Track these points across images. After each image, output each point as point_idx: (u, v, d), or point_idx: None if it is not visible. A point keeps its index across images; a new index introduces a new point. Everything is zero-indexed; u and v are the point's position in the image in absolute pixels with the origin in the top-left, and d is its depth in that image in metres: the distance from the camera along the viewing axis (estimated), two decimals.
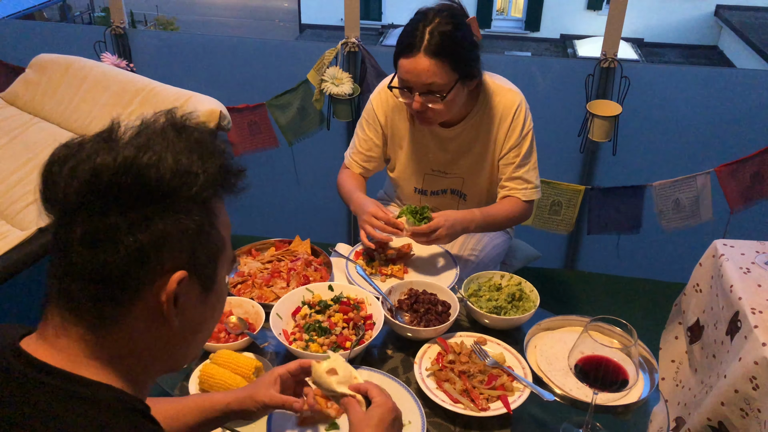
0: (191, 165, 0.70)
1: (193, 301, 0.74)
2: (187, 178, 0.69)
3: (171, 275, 0.69)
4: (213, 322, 0.82)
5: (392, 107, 1.82)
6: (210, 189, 0.72)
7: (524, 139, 1.76)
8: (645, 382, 1.33)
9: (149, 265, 0.68)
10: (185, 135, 0.72)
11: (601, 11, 16.15)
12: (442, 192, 1.90)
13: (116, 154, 0.67)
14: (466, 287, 1.56)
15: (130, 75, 2.44)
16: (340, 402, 1.05)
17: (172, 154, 0.69)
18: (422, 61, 1.56)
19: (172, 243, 0.69)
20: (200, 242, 0.72)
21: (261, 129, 2.73)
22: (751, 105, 2.50)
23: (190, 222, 0.70)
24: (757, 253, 1.70)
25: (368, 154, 1.89)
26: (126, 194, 0.67)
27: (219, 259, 0.76)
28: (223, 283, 0.80)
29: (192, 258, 0.71)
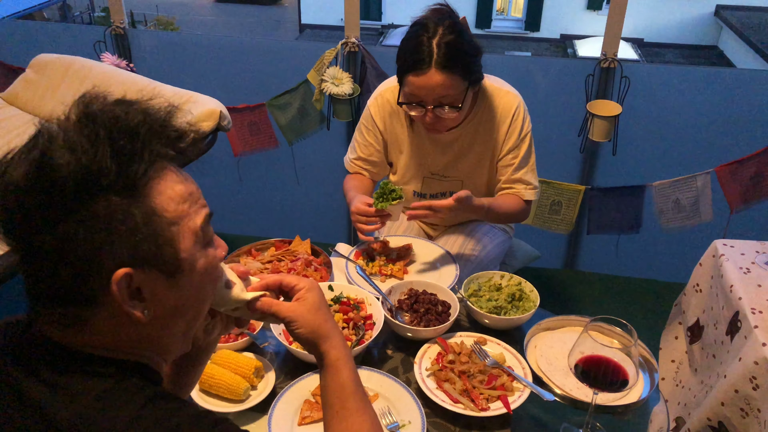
0: (98, 160, 0.64)
1: (160, 290, 0.71)
2: (96, 175, 0.64)
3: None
4: (203, 297, 0.78)
5: (389, 113, 1.81)
6: (131, 176, 0.66)
7: (523, 141, 1.76)
8: (645, 382, 1.33)
9: (92, 274, 0.66)
10: (94, 123, 0.66)
11: (601, 11, 16.15)
12: (441, 195, 1.90)
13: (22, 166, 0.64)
14: (466, 287, 1.56)
15: (130, 75, 2.44)
16: (254, 308, 0.90)
17: (73, 153, 0.64)
18: (435, 77, 1.54)
19: (107, 247, 0.65)
20: (138, 236, 0.67)
21: (261, 129, 2.73)
22: (751, 105, 2.50)
23: (117, 221, 0.65)
24: (757, 253, 1.70)
25: (370, 159, 1.88)
26: (37, 214, 0.64)
27: (175, 241, 0.70)
28: (194, 259, 0.73)
29: (135, 253, 0.67)
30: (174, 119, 0.72)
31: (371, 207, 1.63)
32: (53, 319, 0.70)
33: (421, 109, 1.62)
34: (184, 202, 0.72)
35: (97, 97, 0.70)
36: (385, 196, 1.63)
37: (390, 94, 1.80)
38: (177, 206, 0.71)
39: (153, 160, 0.69)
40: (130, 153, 0.66)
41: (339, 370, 0.90)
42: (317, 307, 0.92)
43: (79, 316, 0.69)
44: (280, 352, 1.44)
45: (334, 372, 0.90)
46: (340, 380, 0.89)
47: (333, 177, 3.03)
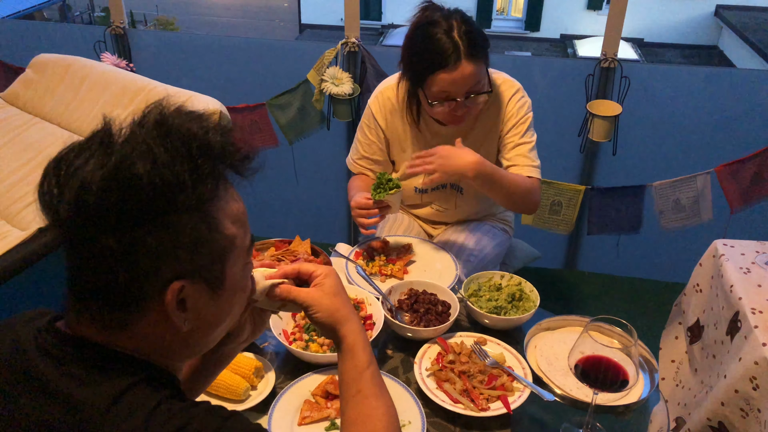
0: (179, 175, 0.67)
1: (202, 302, 0.74)
2: (176, 191, 0.66)
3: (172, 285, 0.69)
4: (233, 313, 0.81)
5: (390, 110, 1.82)
6: (204, 194, 0.69)
7: (523, 121, 1.76)
8: (645, 382, 1.33)
9: (149, 281, 0.68)
10: (172, 137, 0.68)
11: (601, 11, 16.15)
12: (441, 187, 1.90)
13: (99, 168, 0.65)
14: (466, 287, 1.56)
15: (130, 75, 2.44)
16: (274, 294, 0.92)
17: (155, 165, 0.66)
18: (467, 68, 1.56)
19: (168, 257, 0.68)
20: (199, 250, 0.70)
21: (261, 129, 2.73)
22: (751, 105, 2.50)
23: (183, 235, 0.68)
24: (757, 253, 1.70)
25: (374, 157, 1.89)
26: (113, 214, 0.65)
27: (226, 259, 0.74)
28: (236, 277, 0.77)
29: (192, 264, 0.70)
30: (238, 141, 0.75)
31: (369, 199, 1.63)
32: (95, 319, 0.71)
33: (451, 104, 1.62)
34: (237, 221, 0.75)
35: (174, 109, 0.72)
36: (383, 186, 1.63)
37: (391, 92, 1.80)
38: (233, 224, 0.74)
39: (220, 179, 0.72)
40: (205, 171, 0.69)
41: (356, 354, 0.92)
42: (335, 292, 0.93)
43: (123, 320, 0.71)
44: (280, 352, 1.44)
45: (350, 356, 0.92)
46: (356, 364, 0.91)
47: (333, 177, 3.04)
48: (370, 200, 1.64)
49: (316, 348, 1.37)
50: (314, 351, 1.36)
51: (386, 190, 1.62)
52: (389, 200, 1.63)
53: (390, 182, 1.63)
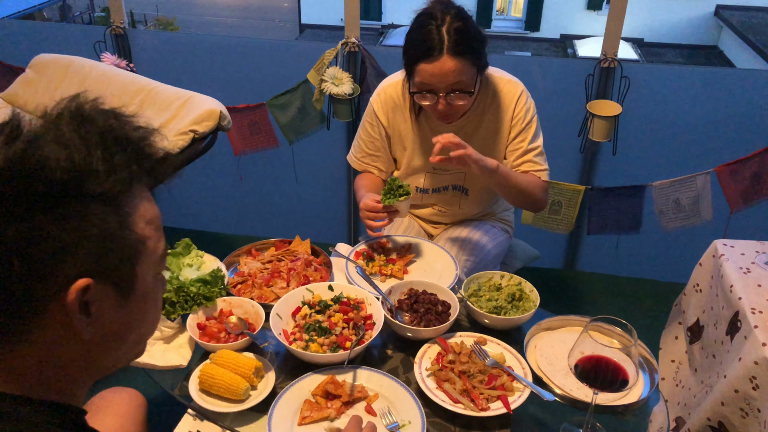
0: (89, 161, 0.62)
1: (109, 308, 0.67)
2: (85, 176, 0.62)
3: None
4: (146, 324, 0.75)
5: (392, 108, 1.82)
6: (117, 185, 0.64)
7: (530, 125, 1.76)
8: (645, 382, 1.33)
9: (49, 277, 0.61)
10: (88, 125, 0.64)
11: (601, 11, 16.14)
12: (444, 189, 1.90)
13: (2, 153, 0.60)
14: (466, 287, 1.56)
15: (131, 75, 2.44)
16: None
17: (65, 150, 0.61)
18: (447, 63, 1.55)
19: (73, 251, 0.62)
20: (108, 245, 0.64)
21: (261, 129, 2.73)
22: (751, 105, 2.50)
23: (91, 226, 0.62)
24: (757, 253, 1.70)
25: (376, 154, 1.89)
26: (12, 202, 0.59)
27: (137, 260, 0.68)
28: (148, 284, 0.71)
29: (99, 263, 0.64)
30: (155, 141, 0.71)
31: (379, 203, 1.64)
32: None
33: (433, 97, 1.62)
34: (151, 224, 0.70)
35: (90, 101, 0.68)
36: (393, 192, 1.64)
37: (393, 89, 1.81)
38: (146, 226, 0.69)
39: (135, 176, 0.67)
40: (119, 163, 0.65)
41: None
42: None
43: (16, 331, 0.63)
44: (280, 352, 1.44)
45: None
46: None
47: (333, 177, 3.04)
48: (379, 203, 1.64)
49: (316, 348, 1.37)
50: (314, 351, 1.36)
51: (396, 197, 1.64)
52: (398, 206, 1.65)
53: (401, 189, 1.64)
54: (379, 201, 1.65)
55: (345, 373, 1.34)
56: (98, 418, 1.24)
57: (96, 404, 1.28)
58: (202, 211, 3.28)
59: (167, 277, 1.47)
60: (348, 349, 1.34)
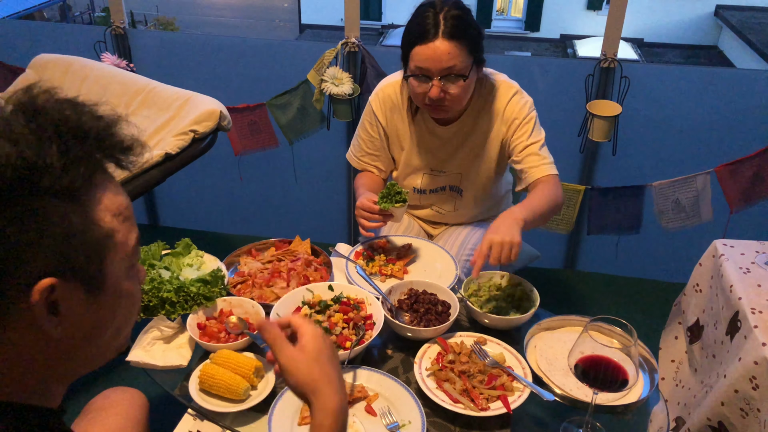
0: (42, 156, 0.59)
1: (78, 306, 0.65)
2: (39, 172, 0.59)
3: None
4: (118, 322, 0.72)
5: (391, 108, 1.82)
6: (76, 180, 0.61)
7: (527, 120, 1.74)
8: (645, 382, 1.33)
9: (10, 278, 0.59)
10: (41, 118, 0.61)
11: (601, 11, 16.14)
12: (441, 189, 1.91)
13: None
14: (466, 287, 1.56)
15: (131, 75, 2.44)
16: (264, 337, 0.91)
17: (16, 145, 0.58)
18: (442, 45, 1.57)
19: (33, 250, 0.59)
20: (71, 243, 0.62)
21: (261, 129, 2.73)
22: (751, 105, 2.50)
23: (50, 224, 0.60)
24: (757, 253, 1.70)
25: (376, 153, 1.90)
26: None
27: (105, 255, 0.66)
28: (119, 279, 0.69)
29: (63, 261, 0.62)
30: (121, 129, 0.68)
31: (375, 205, 1.64)
32: None
33: (426, 81, 1.62)
34: (119, 215, 0.68)
35: (44, 92, 0.65)
36: (390, 197, 1.64)
37: (391, 89, 1.81)
38: (113, 219, 0.66)
39: (97, 167, 0.65)
40: (77, 155, 0.62)
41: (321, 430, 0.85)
42: (315, 357, 0.87)
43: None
44: None
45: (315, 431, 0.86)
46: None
47: (333, 177, 3.04)
48: (375, 205, 1.64)
49: None
50: None
51: (393, 203, 1.63)
52: (393, 211, 1.65)
53: (398, 195, 1.64)
54: (375, 202, 1.65)
55: (345, 373, 1.34)
56: (101, 417, 1.24)
57: (99, 404, 1.28)
58: (202, 211, 3.28)
59: (167, 276, 1.47)
60: (348, 349, 1.35)
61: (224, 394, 1.27)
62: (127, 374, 1.92)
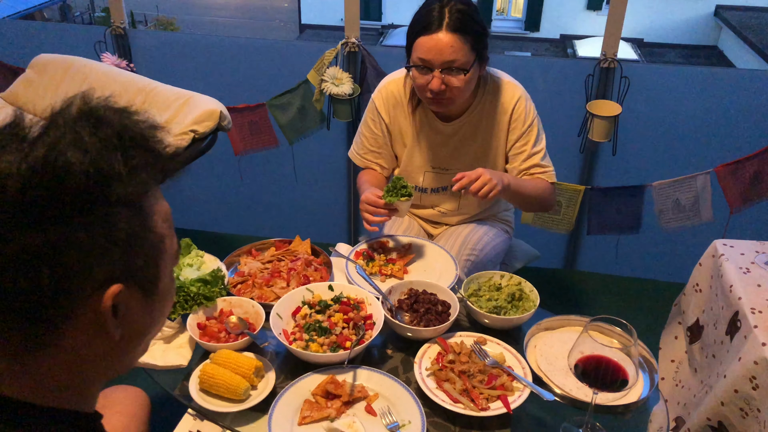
0: (112, 164, 0.61)
1: (135, 309, 0.67)
2: (110, 181, 0.61)
3: (105, 288, 0.62)
4: (160, 323, 0.75)
5: (393, 104, 1.83)
6: (138, 187, 0.63)
7: (531, 128, 1.77)
8: (645, 382, 1.33)
9: (77, 285, 0.61)
10: (103, 128, 0.63)
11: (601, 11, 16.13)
12: (443, 189, 1.91)
13: (20, 159, 0.58)
14: (466, 287, 1.56)
15: (131, 75, 2.44)
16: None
17: (88, 154, 0.60)
18: (445, 37, 1.58)
19: (102, 255, 0.61)
20: (134, 247, 0.64)
21: (261, 129, 2.73)
22: (751, 105, 2.50)
23: (118, 230, 0.61)
24: (756, 253, 1.70)
25: (378, 151, 1.90)
26: (38, 209, 0.57)
27: (159, 259, 0.69)
28: (167, 281, 0.72)
29: (126, 265, 0.64)
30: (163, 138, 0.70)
31: (381, 199, 1.64)
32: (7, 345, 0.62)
33: (428, 72, 1.63)
34: (167, 221, 0.70)
35: (103, 101, 0.67)
36: (396, 191, 1.64)
37: (394, 86, 1.82)
38: (163, 224, 0.69)
39: (153, 176, 0.67)
40: (139, 164, 0.64)
41: None
42: None
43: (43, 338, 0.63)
44: (280, 352, 1.44)
45: None
46: None
47: (333, 177, 3.04)
48: (380, 199, 1.65)
49: (316, 348, 1.37)
50: (314, 351, 1.36)
51: (398, 196, 1.63)
52: (398, 205, 1.65)
53: (404, 189, 1.64)
54: (380, 196, 1.65)
55: (345, 373, 1.34)
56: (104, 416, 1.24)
57: (100, 402, 1.28)
58: (202, 211, 3.28)
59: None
60: (348, 349, 1.35)
61: (224, 394, 1.27)
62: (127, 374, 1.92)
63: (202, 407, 1.27)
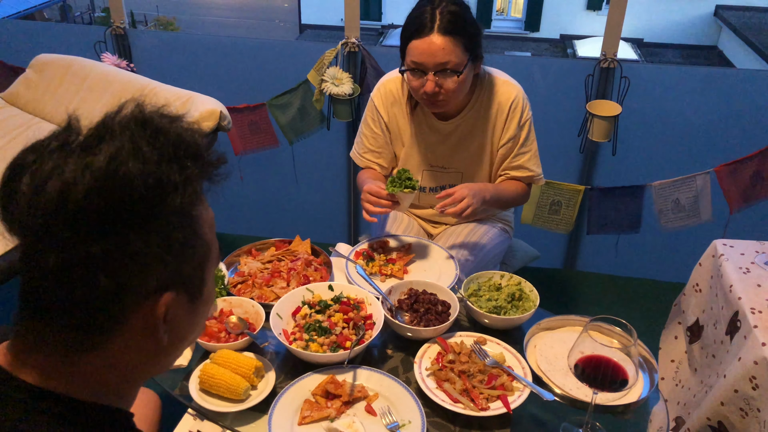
0: (170, 175, 0.62)
1: (181, 314, 0.69)
2: (167, 191, 0.62)
3: (157, 295, 0.64)
4: (202, 326, 0.77)
5: (392, 103, 1.83)
6: (191, 196, 0.65)
7: (522, 129, 1.79)
8: (645, 382, 1.33)
9: (132, 292, 0.62)
10: (160, 138, 0.64)
11: (600, 11, 16.14)
12: (441, 188, 1.91)
13: (83, 167, 0.59)
14: (466, 287, 1.56)
15: (131, 75, 2.44)
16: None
17: (147, 165, 0.61)
18: (437, 40, 1.59)
19: (156, 264, 0.63)
20: (186, 255, 0.66)
21: (261, 129, 2.73)
22: (751, 105, 2.50)
23: (172, 238, 0.63)
24: (756, 253, 1.70)
25: (378, 150, 1.90)
26: (99, 218, 0.59)
27: (206, 266, 0.71)
28: (210, 286, 0.74)
29: (178, 272, 0.66)
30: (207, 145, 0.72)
31: (384, 190, 1.65)
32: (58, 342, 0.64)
33: (421, 76, 1.64)
34: (212, 228, 0.72)
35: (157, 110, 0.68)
36: (400, 182, 1.64)
37: (392, 84, 1.82)
38: (209, 231, 0.71)
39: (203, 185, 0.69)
40: (192, 174, 0.65)
41: None
42: None
43: (94, 341, 0.65)
44: (280, 352, 1.44)
45: None
46: None
47: (333, 177, 3.04)
48: (384, 190, 1.64)
49: (316, 348, 1.37)
50: (314, 351, 1.36)
51: (401, 187, 1.63)
52: (401, 197, 1.65)
53: (409, 181, 1.65)
54: (383, 187, 1.66)
55: (345, 373, 1.34)
56: None
57: None
58: None
59: None
60: (348, 349, 1.35)
61: (224, 394, 1.27)
62: None
63: (202, 407, 1.27)
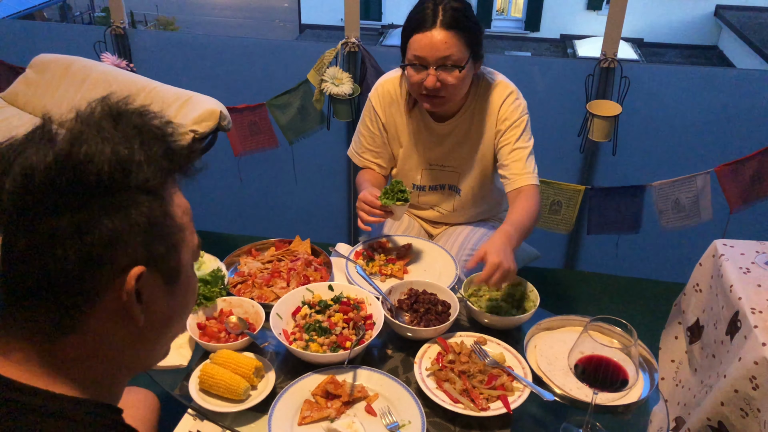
0: (132, 154, 0.65)
1: (157, 295, 0.71)
2: (130, 168, 0.65)
3: (128, 272, 0.66)
4: (184, 315, 0.78)
5: (390, 102, 1.83)
6: (157, 176, 0.67)
7: (519, 122, 1.73)
8: (645, 382, 1.33)
9: (103, 266, 0.64)
10: (123, 122, 0.68)
11: (601, 11, 16.14)
12: (440, 187, 1.91)
13: (47, 151, 0.63)
14: (466, 287, 1.56)
15: (131, 75, 2.44)
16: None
17: (109, 144, 0.64)
18: (439, 34, 1.59)
19: (124, 239, 0.65)
20: (155, 233, 0.67)
21: (261, 129, 2.73)
22: (751, 105, 2.50)
23: (139, 214, 0.65)
24: (756, 253, 1.70)
25: (376, 150, 1.90)
26: (64, 194, 0.62)
27: (180, 247, 0.72)
28: (189, 272, 0.76)
29: (148, 251, 0.67)
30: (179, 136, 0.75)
31: (377, 200, 1.65)
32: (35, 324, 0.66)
33: (423, 70, 1.64)
34: (187, 215, 0.75)
35: (122, 101, 0.72)
36: (392, 194, 1.64)
37: (390, 85, 1.83)
38: (183, 216, 0.73)
39: (170, 168, 0.71)
40: (156, 154, 0.68)
41: None
42: None
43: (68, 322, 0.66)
44: (280, 352, 1.44)
45: None
46: None
47: (333, 177, 3.04)
48: (377, 200, 1.65)
49: (316, 348, 1.37)
50: (314, 351, 1.36)
51: (394, 200, 1.64)
52: (394, 209, 1.65)
53: (401, 193, 1.65)
54: (377, 196, 1.66)
55: (345, 373, 1.34)
56: None
57: None
58: (202, 211, 3.27)
59: None
60: (348, 349, 1.35)
61: (224, 394, 1.27)
62: None
63: (202, 407, 1.27)
